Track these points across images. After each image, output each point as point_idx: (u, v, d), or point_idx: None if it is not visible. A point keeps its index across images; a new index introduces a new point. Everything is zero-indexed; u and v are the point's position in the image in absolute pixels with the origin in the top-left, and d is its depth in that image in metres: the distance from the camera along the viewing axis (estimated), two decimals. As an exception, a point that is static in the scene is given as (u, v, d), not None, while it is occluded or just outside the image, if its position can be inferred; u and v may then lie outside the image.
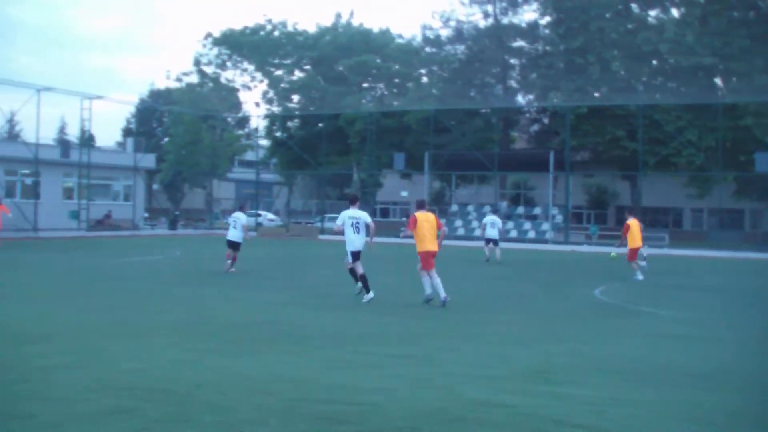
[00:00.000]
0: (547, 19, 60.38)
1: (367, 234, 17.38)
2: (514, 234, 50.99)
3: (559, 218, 52.10)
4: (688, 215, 66.89)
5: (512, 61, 65.57)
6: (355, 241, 17.21)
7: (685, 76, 54.29)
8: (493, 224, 32.46)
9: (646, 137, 51.19)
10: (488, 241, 32.32)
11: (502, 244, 33.18)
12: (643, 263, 26.30)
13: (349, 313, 14.89)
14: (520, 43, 64.94)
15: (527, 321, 14.30)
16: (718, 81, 56.38)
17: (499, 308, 16.27)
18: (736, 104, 50.18)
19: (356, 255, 17.24)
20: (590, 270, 29.06)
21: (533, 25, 63.13)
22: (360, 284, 17.21)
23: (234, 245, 23.52)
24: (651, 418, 7.52)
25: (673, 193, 57.06)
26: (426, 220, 16.66)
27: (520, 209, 55.70)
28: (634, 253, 24.62)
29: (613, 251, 32.25)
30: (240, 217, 24.06)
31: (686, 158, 52.51)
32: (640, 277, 23.98)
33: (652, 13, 59.26)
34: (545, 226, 51.27)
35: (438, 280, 16.16)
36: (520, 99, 65.54)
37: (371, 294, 16.70)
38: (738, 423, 7.53)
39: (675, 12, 57.43)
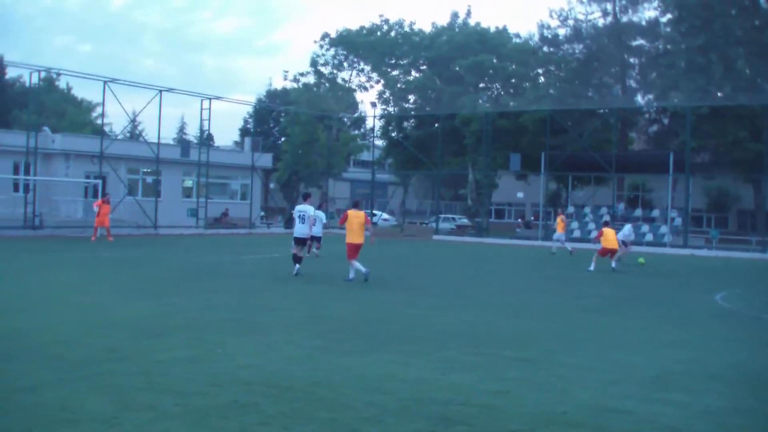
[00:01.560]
0: (668, 16, 59.22)
1: (309, 225, 21.66)
2: (631, 238, 50.13)
3: (678, 221, 50.97)
4: (816, 219, 64.55)
5: (631, 60, 64.58)
6: (299, 229, 21.42)
7: (814, 74, 52.57)
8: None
9: (773, 139, 49.69)
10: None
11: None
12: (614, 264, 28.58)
13: (462, 314, 15.02)
14: (639, 41, 63.92)
15: (644, 326, 14.16)
16: None
17: (615, 312, 16.12)
18: None
19: (300, 241, 21.47)
20: (710, 275, 28.48)
21: (653, 23, 62.02)
22: (298, 266, 21.22)
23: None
24: (735, 425, 7.49)
25: (799, 197, 55.09)
26: (356, 216, 20.39)
27: (638, 212, 54.75)
28: (605, 252, 28.48)
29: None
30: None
31: (815, 160, 50.70)
32: (591, 268, 27.72)
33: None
34: (663, 229, 50.25)
35: (358, 265, 20.18)
36: (639, 99, 64.48)
37: (298, 267, 21.15)
38: None
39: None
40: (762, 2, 56.44)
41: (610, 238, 28.59)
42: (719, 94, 55.14)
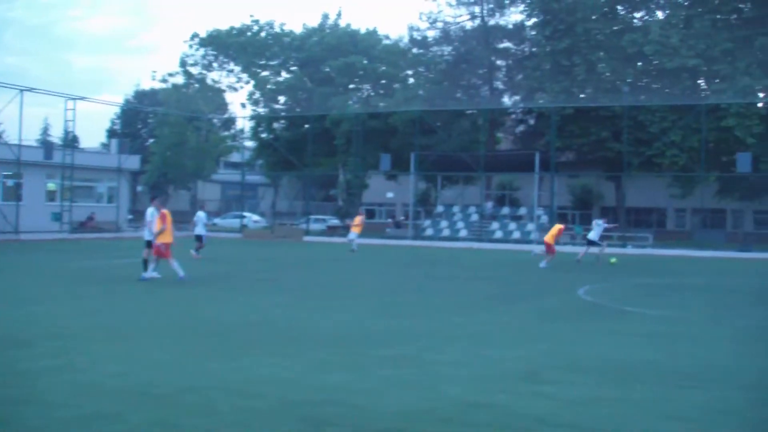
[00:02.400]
0: (533, 20, 60.59)
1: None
2: (498, 235, 51.28)
3: (544, 219, 52.28)
4: (672, 215, 67.25)
5: (499, 62, 65.87)
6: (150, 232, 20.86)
7: (669, 78, 54.60)
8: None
9: (631, 138, 51.52)
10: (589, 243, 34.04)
11: (479, 244, 33.52)
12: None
13: (336, 314, 15.00)
14: (506, 44, 65.25)
15: (512, 321, 14.44)
16: (701, 82, 56.71)
17: (484, 308, 16.42)
18: (719, 105, 50.57)
19: (149, 243, 20.82)
20: (574, 270, 29.27)
21: (520, 27, 63.41)
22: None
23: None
24: (633, 416, 7.66)
25: (657, 194, 57.40)
26: (169, 216, 20.36)
27: (506, 210, 55.94)
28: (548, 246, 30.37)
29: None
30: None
31: (670, 159, 52.76)
32: (542, 265, 29.11)
33: (638, 15, 59.64)
34: (530, 226, 51.51)
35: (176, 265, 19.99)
36: (506, 100, 65.84)
37: (147, 274, 20.53)
38: (720, 420, 7.66)
39: (660, 14, 57.79)
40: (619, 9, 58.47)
41: (551, 233, 30.80)
42: (582, 95, 56.72)
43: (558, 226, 31.78)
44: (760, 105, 52.76)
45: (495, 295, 19.24)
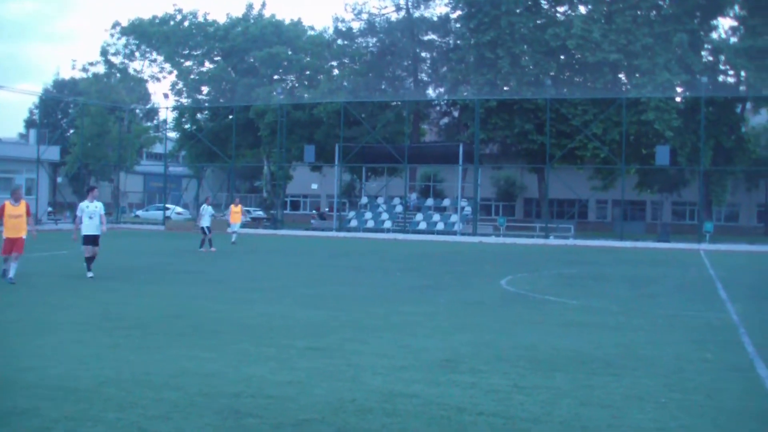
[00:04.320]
0: (458, 13, 60.93)
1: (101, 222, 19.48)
2: (423, 226, 51.53)
3: (468, 210, 52.71)
4: (593, 207, 68.38)
5: (423, 54, 66.12)
6: (89, 227, 19.22)
7: (591, 72, 55.51)
8: None
9: (554, 130, 52.21)
10: None
11: (403, 235, 33.37)
12: None
13: (259, 306, 14.81)
14: (431, 36, 65.53)
15: (435, 312, 14.40)
16: (622, 77, 57.71)
17: (407, 300, 16.41)
18: (639, 99, 51.58)
19: (90, 239, 19.24)
20: (497, 261, 29.52)
21: (445, 19, 63.74)
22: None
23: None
24: (554, 404, 7.68)
25: (578, 185, 58.24)
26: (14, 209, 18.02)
27: (430, 201, 56.23)
28: None
29: None
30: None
31: (591, 151, 53.64)
32: None
33: (561, 9, 60.34)
34: (454, 218, 51.85)
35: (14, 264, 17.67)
36: (431, 92, 66.18)
37: (91, 273, 18.94)
38: (639, 406, 7.73)
39: (582, 9, 58.56)
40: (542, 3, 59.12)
41: None
42: (506, 88, 57.23)
43: None
44: (678, 99, 54.00)
45: (418, 286, 19.23)
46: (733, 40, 54.99)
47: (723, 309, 15.76)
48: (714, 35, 57.22)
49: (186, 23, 73.96)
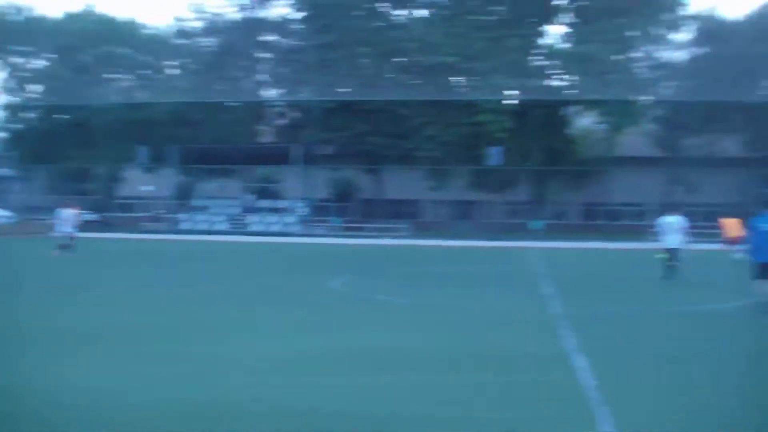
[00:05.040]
0: (299, 14, 60.72)
1: None
2: (259, 227, 51.20)
3: (305, 211, 52.70)
4: (428, 207, 69.45)
5: (263, 55, 65.52)
6: None
7: (428, 74, 56.38)
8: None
9: (390, 132, 52.81)
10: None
11: (239, 237, 32.75)
12: None
13: (99, 310, 14.34)
14: (271, 37, 64.97)
15: (273, 314, 14.31)
16: (458, 79, 58.85)
17: (245, 303, 16.21)
18: (473, 102, 52.77)
19: None
20: (332, 262, 29.58)
21: (285, 20, 63.35)
22: None
23: None
24: (391, 400, 7.81)
25: (413, 186, 59.14)
26: None
27: (266, 203, 55.87)
28: None
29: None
30: None
31: (426, 152, 54.56)
32: None
33: (401, 12, 60.94)
34: (290, 219, 51.76)
35: None
36: (270, 93, 65.66)
37: None
38: (474, 399, 7.93)
39: (421, 12, 59.33)
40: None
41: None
42: (344, 90, 57.52)
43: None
44: (510, 102, 55.53)
45: (253, 289, 19.02)
46: (563, 46, 56.96)
47: (548, 303, 16.25)
48: (545, 41, 59.17)
49: (18, 18, 70.72)
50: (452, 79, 58.19)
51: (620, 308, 15.95)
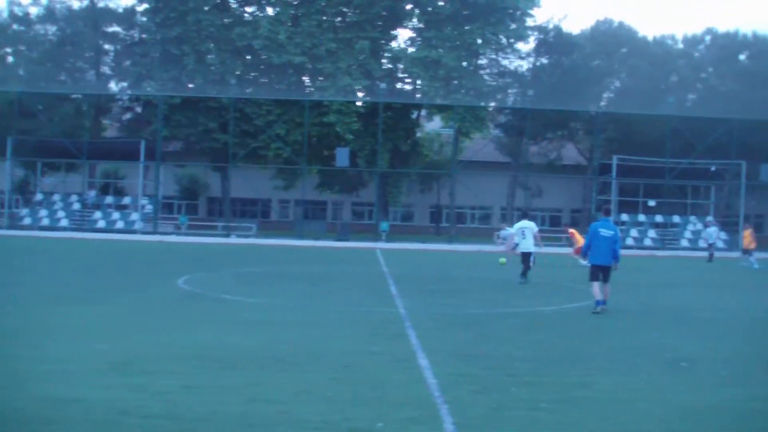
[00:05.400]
0: (144, 6, 59.42)
1: None
2: (102, 224, 49.92)
3: (150, 208, 51.71)
4: (276, 206, 69.39)
5: (107, 46, 63.77)
6: None
7: (276, 73, 56.25)
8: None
9: (237, 130, 52.51)
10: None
11: (81, 234, 31.94)
12: None
13: None
14: (115, 28, 63.33)
15: (109, 313, 13.91)
16: (306, 79, 58.94)
17: (81, 301, 15.74)
18: (322, 102, 53.02)
19: None
20: (177, 260, 29.15)
21: (130, 12, 61.82)
22: None
23: None
24: (222, 402, 7.69)
25: (261, 185, 58.85)
26: None
27: (110, 199, 54.48)
28: None
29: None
30: None
31: (274, 151, 54.53)
32: None
33: (249, 9, 60.52)
34: (134, 216, 50.68)
35: None
36: (113, 86, 63.99)
37: None
38: (303, 400, 7.90)
39: (270, 10, 59.07)
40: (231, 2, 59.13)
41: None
42: (191, 85, 56.72)
43: None
44: (358, 104, 56.05)
45: (95, 287, 18.47)
46: (411, 50, 57.83)
47: (392, 303, 16.47)
48: (393, 44, 59.93)
49: None
50: (301, 78, 58.21)
51: (463, 309, 16.39)
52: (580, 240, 29.85)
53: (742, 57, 68.76)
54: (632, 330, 13.95)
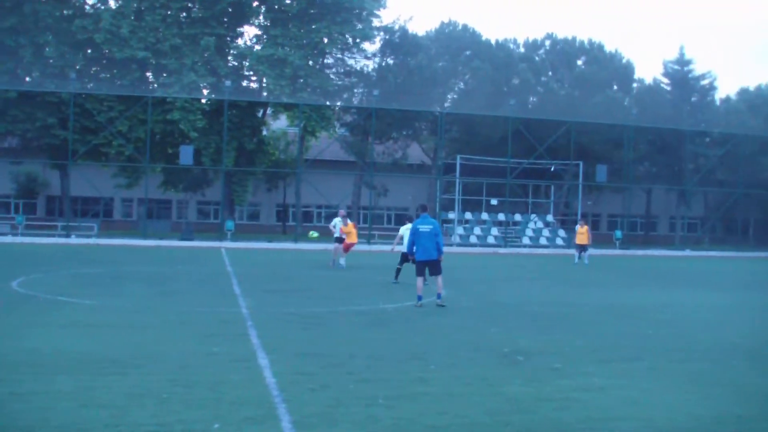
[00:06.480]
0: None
1: None
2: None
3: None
4: (119, 205, 67.83)
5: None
6: None
7: (118, 68, 54.91)
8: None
9: (78, 126, 51.03)
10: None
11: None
12: None
13: None
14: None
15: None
16: (150, 75, 57.85)
17: None
18: (166, 99, 52.16)
19: None
20: (13, 261, 28.13)
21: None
22: None
23: None
24: (50, 408, 7.56)
25: (103, 183, 57.35)
26: None
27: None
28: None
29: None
30: None
31: (117, 148, 53.34)
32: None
33: (90, 1, 58.75)
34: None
35: None
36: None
37: None
38: (137, 403, 7.86)
39: (112, 3, 57.52)
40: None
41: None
42: (28, 78, 54.78)
43: None
44: (203, 101, 55.41)
45: None
46: (257, 47, 57.51)
47: (235, 303, 16.54)
48: (239, 42, 59.48)
49: None
50: (145, 74, 57.05)
51: (306, 307, 16.58)
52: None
53: (579, 62, 71.71)
54: (472, 326, 14.47)
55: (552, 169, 56.54)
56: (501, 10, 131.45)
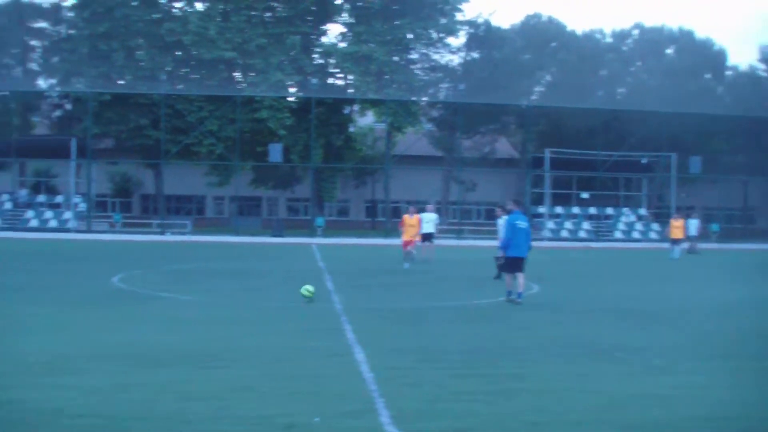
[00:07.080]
0: (71, 1, 58.49)
1: None
2: (35, 223, 49.18)
3: (83, 206, 51.06)
4: (211, 203, 69.01)
5: (33, 42, 62.76)
6: None
7: (207, 69, 55.85)
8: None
9: (169, 126, 52.08)
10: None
11: (13, 233, 31.46)
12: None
13: None
14: (42, 24, 62.32)
15: (42, 312, 13.71)
16: (237, 75, 58.67)
17: (13, 300, 15.51)
18: (254, 98, 52.86)
19: None
20: (112, 258, 28.87)
21: (57, 7, 60.84)
22: None
23: None
24: (157, 400, 7.69)
25: (195, 182, 58.47)
26: None
27: (42, 198, 53.68)
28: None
29: None
30: None
31: (207, 147, 54.21)
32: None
33: (177, 5, 59.88)
34: (68, 214, 50.02)
35: None
36: (42, 83, 62.95)
37: None
38: (239, 396, 7.96)
39: (199, 5, 58.57)
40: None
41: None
42: (121, 82, 56.07)
43: None
44: (290, 99, 55.98)
45: (26, 286, 18.24)
46: (342, 45, 57.88)
47: (329, 299, 16.52)
48: (324, 39, 59.88)
49: None
50: (232, 74, 57.92)
51: (399, 303, 16.62)
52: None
53: (669, 51, 70.21)
54: (566, 321, 14.25)
55: (644, 161, 55.52)
56: (586, 1, 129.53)
